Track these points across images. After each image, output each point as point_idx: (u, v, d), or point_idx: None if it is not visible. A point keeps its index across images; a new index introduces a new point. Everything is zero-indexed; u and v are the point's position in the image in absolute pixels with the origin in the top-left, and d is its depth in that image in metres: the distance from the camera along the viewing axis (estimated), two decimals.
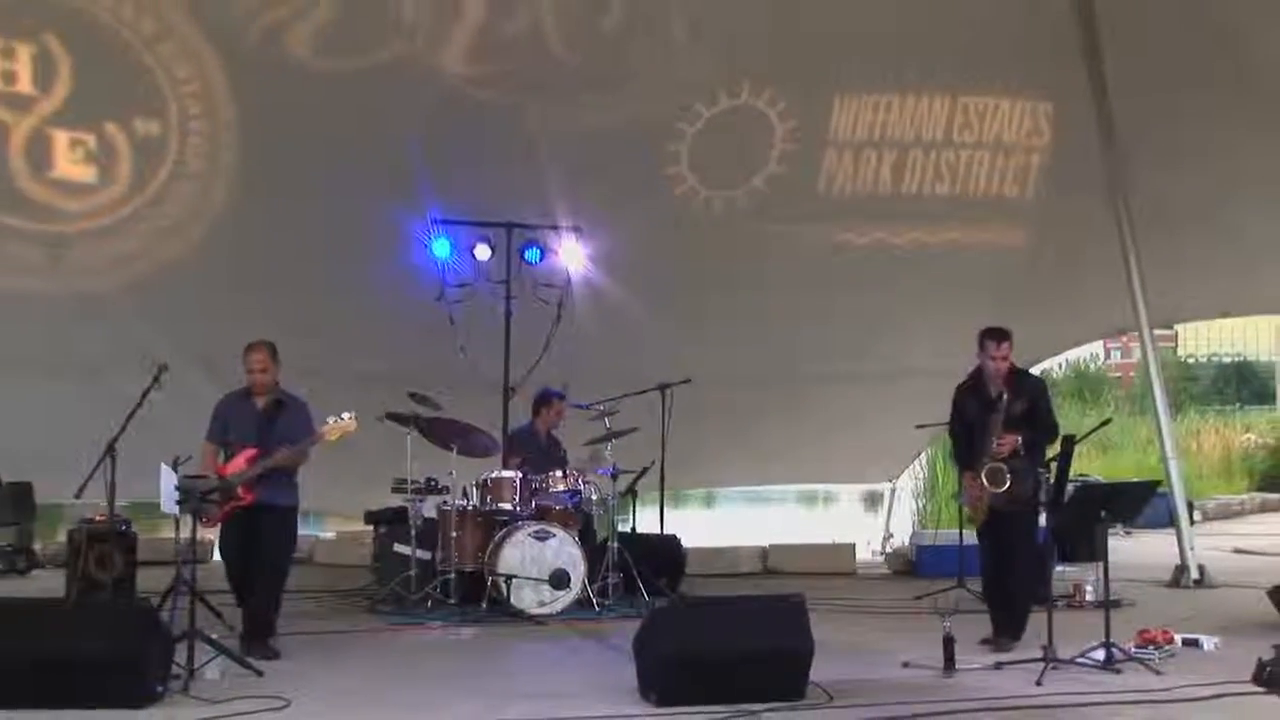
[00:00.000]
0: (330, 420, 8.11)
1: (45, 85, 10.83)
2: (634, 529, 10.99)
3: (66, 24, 10.68)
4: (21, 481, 11.70)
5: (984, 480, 8.05)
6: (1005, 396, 8.09)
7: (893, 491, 15.46)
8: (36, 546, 12.00)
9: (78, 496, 8.78)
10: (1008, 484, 7.99)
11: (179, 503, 7.41)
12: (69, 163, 11.15)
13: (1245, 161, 12.26)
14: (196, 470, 7.84)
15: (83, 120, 11.08)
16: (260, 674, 7.21)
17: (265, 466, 7.93)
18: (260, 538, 8.01)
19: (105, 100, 11.14)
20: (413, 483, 10.03)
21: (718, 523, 15.70)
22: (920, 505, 16.43)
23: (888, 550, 13.45)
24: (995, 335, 8.27)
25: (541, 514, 9.80)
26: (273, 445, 8.00)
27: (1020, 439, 8.05)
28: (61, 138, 11.07)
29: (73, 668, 6.24)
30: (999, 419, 8.06)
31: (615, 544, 10.03)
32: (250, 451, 7.97)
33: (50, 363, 11.40)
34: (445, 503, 9.91)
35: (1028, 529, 8.24)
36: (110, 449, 8.16)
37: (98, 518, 9.55)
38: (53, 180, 11.18)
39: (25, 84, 10.82)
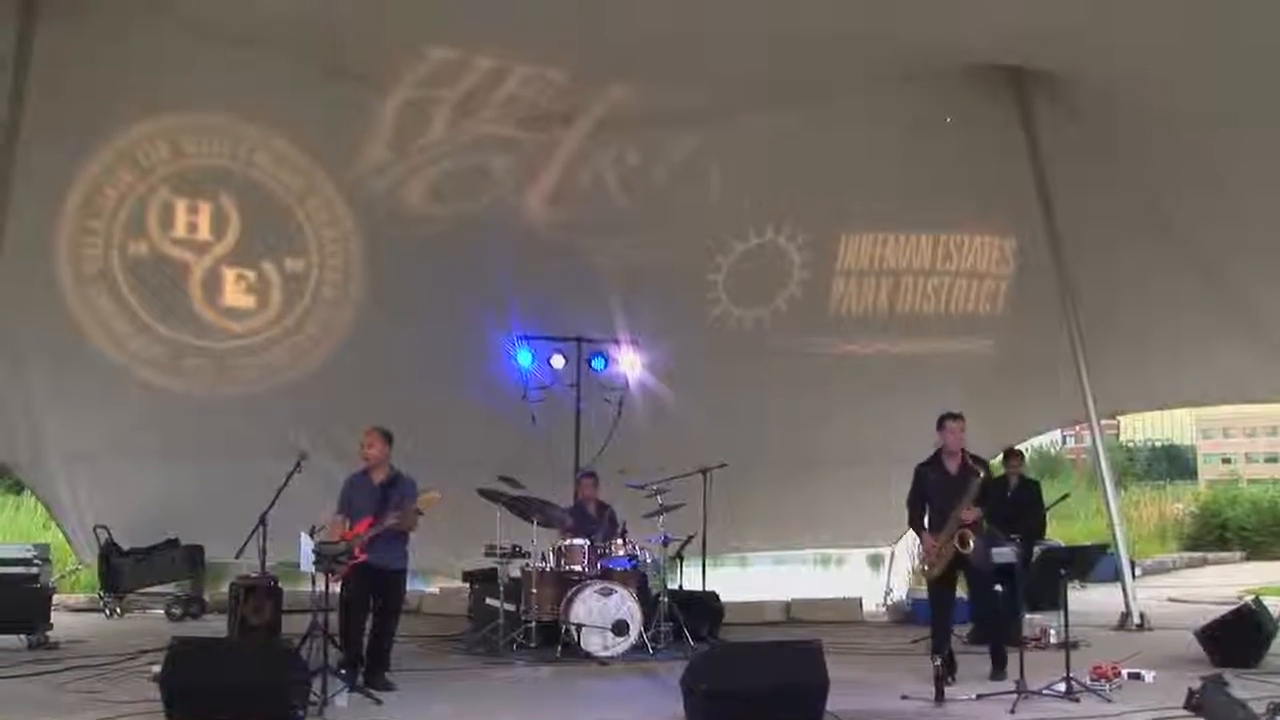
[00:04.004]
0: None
1: (219, 233, 11.15)
2: (681, 586, 10.91)
3: (238, 186, 11.04)
4: (195, 544, 11.87)
5: (956, 543, 8.00)
6: (973, 477, 8.07)
7: (892, 554, 15.30)
8: (206, 596, 12.05)
9: (237, 556, 8.98)
10: (972, 546, 8.00)
11: (314, 563, 7.47)
12: (234, 293, 11.41)
13: (1167, 290, 12.30)
14: (326, 538, 7.88)
15: (245, 260, 11.37)
16: (379, 702, 7.26)
17: (377, 531, 7.93)
18: (380, 593, 8.05)
19: (263, 244, 11.42)
20: (501, 548, 9.98)
21: (749, 581, 15.52)
22: (914, 565, 16.23)
23: (888, 603, 13.27)
24: (954, 415, 8.37)
25: (606, 574, 9.76)
26: (385, 514, 8.05)
27: (981, 512, 8.05)
28: (230, 274, 11.34)
29: (235, 693, 6.36)
30: (968, 496, 8.01)
31: (666, 598, 9.96)
32: (369, 520, 8.00)
33: (218, 451, 11.52)
34: (527, 565, 9.88)
35: (986, 582, 8.26)
36: (262, 520, 8.36)
37: (252, 574, 9.68)
38: (222, 308, 11.44)
39: (204, 233, 11.15)
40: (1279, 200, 10.68)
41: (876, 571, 15.87)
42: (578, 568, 9.79)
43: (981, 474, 8.09)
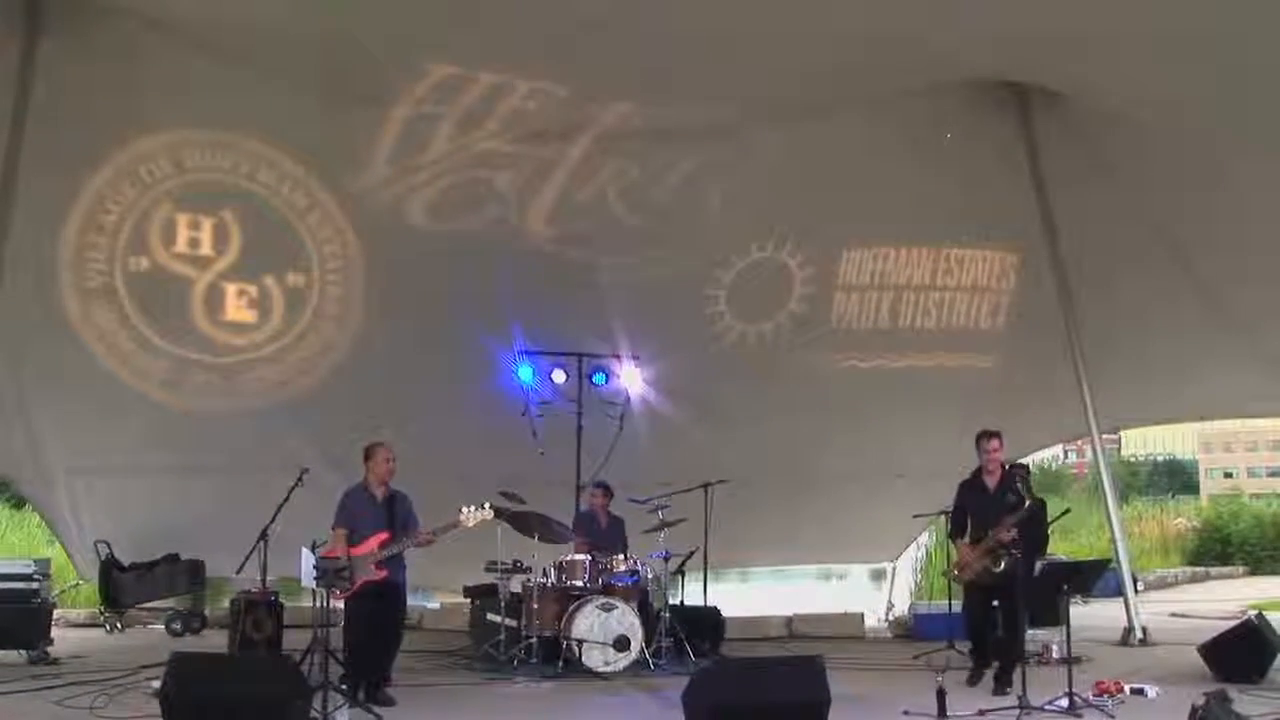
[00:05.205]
0: (467, 510, 8.08)
1: (220, 248, 11.16)
2: (682, 601, 10.88)
3: (239, 201, 11.04)
4: (196, 559, 11.90)
5: (989, 562, 8.22)
6: (1007, 495, 8.31)
7: (894, 569, 15.29)
8: (206, 611, 12.07)
9: (238, 572, 8.96)
10: (1002, 565, 8.14)
11: (316, 579, 7.44)
12: (235, 308, 11.40)
13: (1168, 304, 12.33)
14: (328, 552, 7.83)
15: (247, 275, 11.37)
16: (380, 718, 7.23)
17: (401, 547, 7.94)
18: (386, 608, 8.05)
19: (264, 259, 11.42)
20: (502, 564, 9.98)
21: (751, 596, 15.49)
22: (917, 580, 16.21)
23: (890, 618, 13.25)
24: (991, 434, 8.66)
25: (607, 590, 9.74)
26: (399, 531, 8.03)
27: (1017, 533, 8.18)
28: (231, 288, 11.34)
29: (235, 708, 6.33)
30: (1008, 517, 8.18)
31: (667, 614, 9.93)
32: (382, 536, 7.98)
33: (219, 465, 11.53)
34: (528, 580, 9.85)
35: (1011, 596, 8.30)
36: (264, 535, 8.34)
37: (253, 589, 9.67)
38: (223, 322, 11.42)
39: (206, 248, 11.15)
40: (1278, 210, 10.70)
41: (878, 586, 15.84)
42: (579, 583, 9.78)
43: (1030, 504, 8.24)
